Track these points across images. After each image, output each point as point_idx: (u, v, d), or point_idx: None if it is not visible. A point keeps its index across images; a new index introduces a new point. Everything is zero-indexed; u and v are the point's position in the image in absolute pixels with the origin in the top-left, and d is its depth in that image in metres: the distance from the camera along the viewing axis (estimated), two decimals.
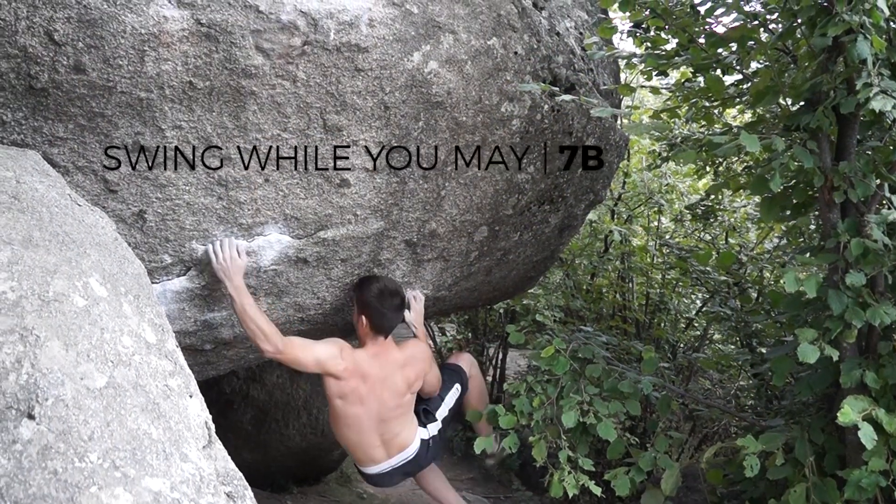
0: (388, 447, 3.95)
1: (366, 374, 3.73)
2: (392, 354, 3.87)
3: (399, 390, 3.88)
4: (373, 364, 3.76)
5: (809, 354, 2.97)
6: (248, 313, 3.24)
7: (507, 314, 7.46)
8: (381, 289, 3.68)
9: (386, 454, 3.96)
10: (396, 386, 3.86)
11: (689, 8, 3.52)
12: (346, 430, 3.86)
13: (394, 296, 3.72)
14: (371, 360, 3.76)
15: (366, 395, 3.76)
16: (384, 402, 3.82)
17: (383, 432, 3.89)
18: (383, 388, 3.80)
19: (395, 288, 3.74)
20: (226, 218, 3.03)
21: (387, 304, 3.68)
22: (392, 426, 3.91)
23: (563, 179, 4.26)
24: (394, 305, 3.73)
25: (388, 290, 3.70)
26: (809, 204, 3.55)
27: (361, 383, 3.72)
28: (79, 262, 2.01)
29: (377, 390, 3.78)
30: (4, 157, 2.31)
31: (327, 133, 3.02)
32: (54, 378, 1.62)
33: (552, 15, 3.91)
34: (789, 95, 3.34)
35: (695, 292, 6.98)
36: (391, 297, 3.70)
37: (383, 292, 3.68)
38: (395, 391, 3.85)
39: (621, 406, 4.00)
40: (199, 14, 2.49)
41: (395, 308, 3.74)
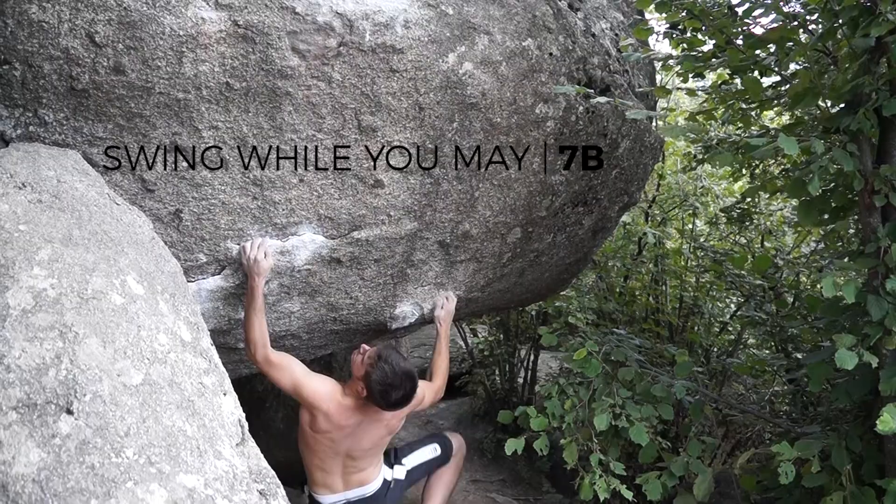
0: (348, 480, 3.80)
1: (344, 426, 3.60)
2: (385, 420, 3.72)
3: (376, 439, 3.76)
4: (355, 416, 3.61)
5: (847, 360, 2.92)
6: (250, 317, 3.24)
7: (540, 316, 7.42)
8: (389, 382, 3.48)
9: (343, 486, 3.80)
10: (374, 436, 3.73)
11: (726, 9, 3.48)
12: (309, 453, 3.73)
13: (397, 389, 3.49)
14: (352, 411, 3.59)
15: (339, 440, 3.63)
16: (357, 444, 3.70)
17: (347, 465, 3.75)
18: (359, 436, 3.67)
19: (400, 380, 3.50)
20: (260, 217, 3.06)
21: (389, 398, 3.51)
22: (359, 462, 3.79)
23: (598, 181, 4.24)
24: (395, 399, 3.52)
25: (393, 385, 3.48)
26: (849, 208, 3.49)
27: (337, 431, 3.59)
28: (117, 260, 2.05)
29: (351, 438, 3.65)
30: (46, 157, 2.35)
31: (362, 134, 3.03)
32: (92, 374, 1.65)
33: (588, 16, 3.89)
34: (829, 97, 3.29)
35: (729, 296, 6.88)
36: (395, 390, 3.49)
37: (388, 389, 3.48)
38: (372, 438, 3.73)
39: (654, 410, 3.97)
40: (236, 16, 2.51)
41: (395, 402, 3.54)
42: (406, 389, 3.53)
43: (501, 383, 7.86)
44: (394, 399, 3.50)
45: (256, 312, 3.22)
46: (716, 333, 6.86)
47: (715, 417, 5.18)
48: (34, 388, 1.57)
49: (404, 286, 3.84)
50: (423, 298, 3.98)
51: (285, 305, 3.49)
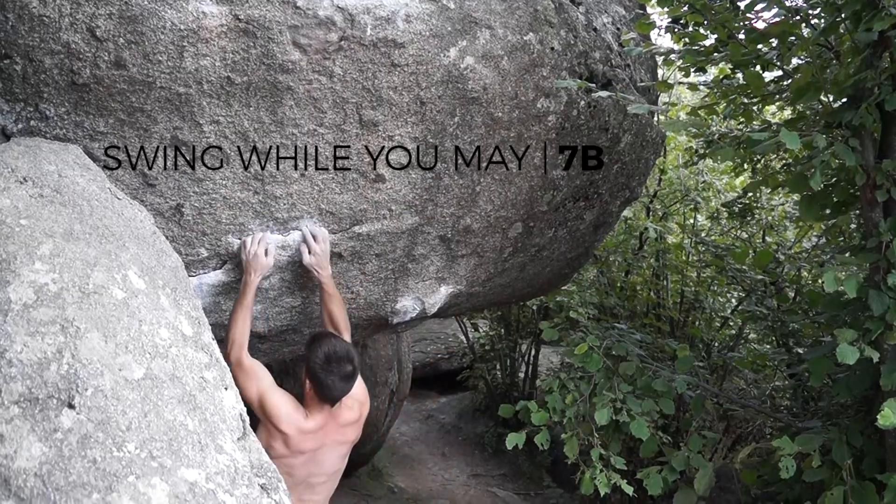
0: None
1: (303, 452, 3.28)
2: (337, 421, 3.33)
3: (337, 461, 3.47)
4: (314, 439, 3.27)
5: (849, 355, 2.92)
6: (236, 313, 3.17)
7: (541, 311, 7.45)
8: (327, 353, 3.16)
9: None
10: (335, 458, 3.44)
11: (728, 3, 3.47)
12: None
13: (342, 362, 3.15)
14: (312, 435, 3.25)
15: (296, 467, 3.30)
16: (318, 469, 3.39)
17: (301, 493, 3.39)
18: (320, 460, 3.36)
19: (344, 352, 3.19)
20: (262, 212, 3.06)
21: (333, 372, 3.14)
22: (317, 493, 3.47)
23: (599, 176, 4.23)
24: (342, 374, 3.15)
25: (335, 354, 3.16)
26: (850, 202, 3.49)
27: (294, 457, 3.26)
28: (118, 254, 2.05)
29: (312, 463, 3.35)
30: (47, 152, 2.35)
31: (363, 128, 3.03)
32: (94, 369, 1.65)
33: (589, 10, 3.88)
34: (831, 92, 3.29)
35: (730, 291, 6.90)
36: (339, 363, 3.15)
37: (330, 358, 3.15)
38: (333, 462, 3.44)
39: (655, 404, 3.97)
40: (237, 10, 2.51)
41: (342, 377, 3.16)
42: (351, 362, 3.19)
43: (502, 378, 7.89)
44: (339, 371, 3.15)
45: (244, 309, 3.16)
46: (717, 328, 6.88)
47: (716, 412, 5.20)
48: (36, 383, 1.57)
49: (405, 281, 3.84)
50: (424, 293, 3.98)
51: (287, 300, 3.49)
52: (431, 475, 7.45)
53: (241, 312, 3.16)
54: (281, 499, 1.78)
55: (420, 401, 9.44)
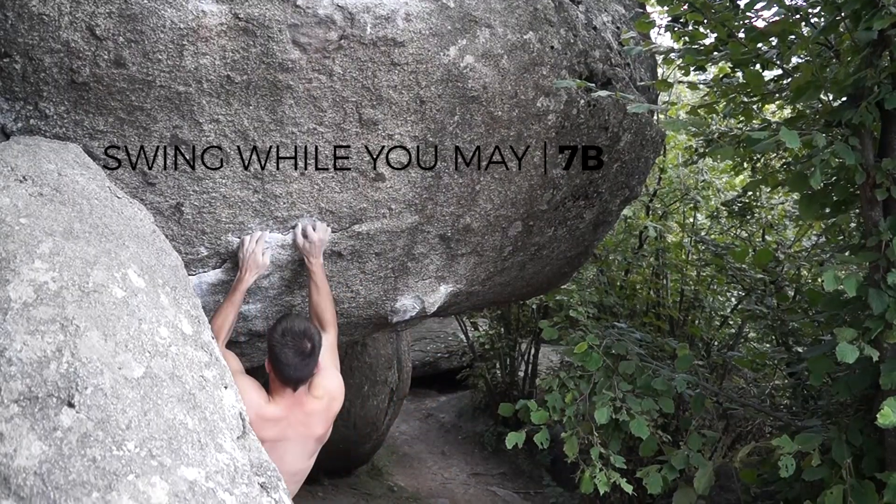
0: None
1: (262, 440, 2.90)
2: (302, 409, 3.13)
3: (304, 457, 3.25)
4: (276, 427, 3.08)
5: (848, 354, 2.92)
6: (223, 307, 3.13)
7: (541, 310, 7.45)
8: (284, 329, 3.00)
9: None
10: (302, 453, 3.22)
11: (728, 2, 3.47)
12: None
13: (298, 338, 2.97)
14: (274, 423, 3.07)
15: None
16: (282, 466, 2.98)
17: None
18: (283, 456, 3.10)
19: (302, 329, 3.01)
20: (261, 211, 3.06)
21: (288, 346, 2.96)
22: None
23: (599, 175, 4.23)
24: (298, 349, 2.96)
25: (291, 330, 2.99)
26: (850, 201, 3.49)
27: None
28: (118, 253, 2.05)
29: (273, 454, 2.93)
30: (47, 150, 2.35)
31: (363, 127, 3.03)
32: (93, 367, 1.65)
33: (589, 9, 3.88)
34: (831, 91, 3.29)
35: (730, 290, 6.90)
36: (294, 338, 2.97)
37: (286, 332, 2.98)
38: (299, 458, 3.22)
39: (654, 403, 3.97)
40: (237, 8, 2.51)
41: (298, 352, 2.96)
42: (309, 340, 3.00)
43: (502, 377, 7.90)
44: (296, 348, 2.97)
45: (233, 305, 3.12)
46: (716, 327, 6.88)
47: (715, 411, 5.20)
48: (35, 381, 1.57)
49: (405, 279, 3.84)
50: (424, 292, 3.98)
51: (286, 299, 3.50)
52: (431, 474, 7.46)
53: (226, 307, 3.11)
54: (281, 497, 1.78)
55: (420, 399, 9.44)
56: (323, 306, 3.32)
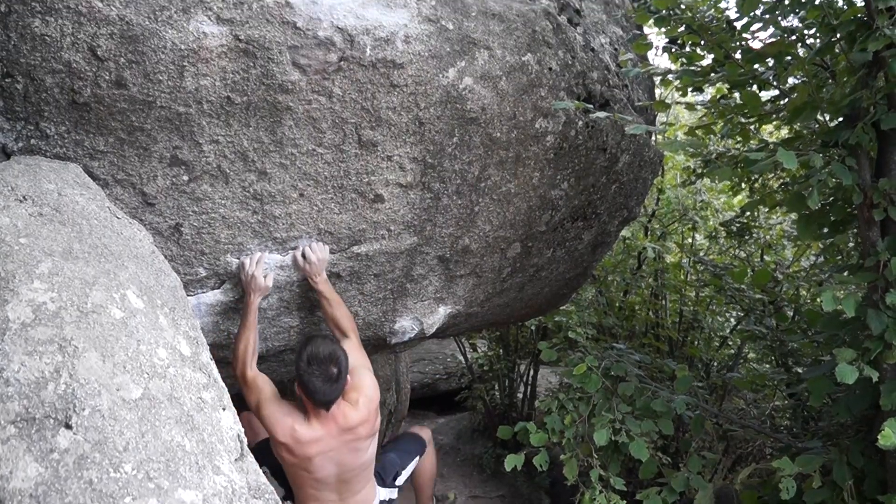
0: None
1: (310, 456, 3.26)
2: (338, 421, 3.26)
3: (360, 454, 3.41)
4: (317, 445, 3.24)
5: (848, 375, 2.91)
6: (241, 333, 3.21)
7: (539, 331, 7.42)
8: (310, 355, 3.11)
9: None
10: (356, 453, 3.37)
11: (725, 23, 3.49)
12: (298, 488, 3.43)
13: (324, 363, 3.09)
14: (314, 443, 3.23)
15: (318, 468, 3.30)
16: (344, 467, 3.37)
17: (342, 492, 3.44)
18: (340, 459, 3.33)
19: (327, 353, 3.11)
20: (260, 232, 3.06)
21: (315, 374, 3.09)
22: (353, 485, 3.48)
23: (597, 196, 4.24)
24: (325, 376, 3.09)
25: (317, 356, 3.10)
26: (848, 221, 3.50)
27: (308, 462, 3.26)
28: (117, 274, 2.04)
29: (332, 463, 3.33)
30: (47, 170, 2.35)
31: (362, 148, 3.03)
32: (91, 388, 1.64)
33: (587, 31, 3.90)
34: (827, 111, 3.30)
35: (729, 310, 6.89)
36: (320, 365, 3.09)
37: (311, 360, 3.09)
38: (356, 456, 3.39)
39: (654, 425, 3.95)
40: (237, 30, 2.52)
41: (325, 379, 3.09)
42: (335, 363, 3.12)
43: (501, 398, 7.85)
44: (322, 373, 3.09)
45: (248, 329, 3.20)
46: (716, 348, 6.86)
47: (715, 432, 5.17)
48: (33, 403, 1.56)
49: (404, 301, 3.84)
50: (423, 313, 3.97)
51: (285, 320, 3.49)
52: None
53: (243, 332, 3.20)
54: None
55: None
56: (338, 315, 3.42)
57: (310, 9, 2.63)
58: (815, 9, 3.18)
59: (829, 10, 3.11)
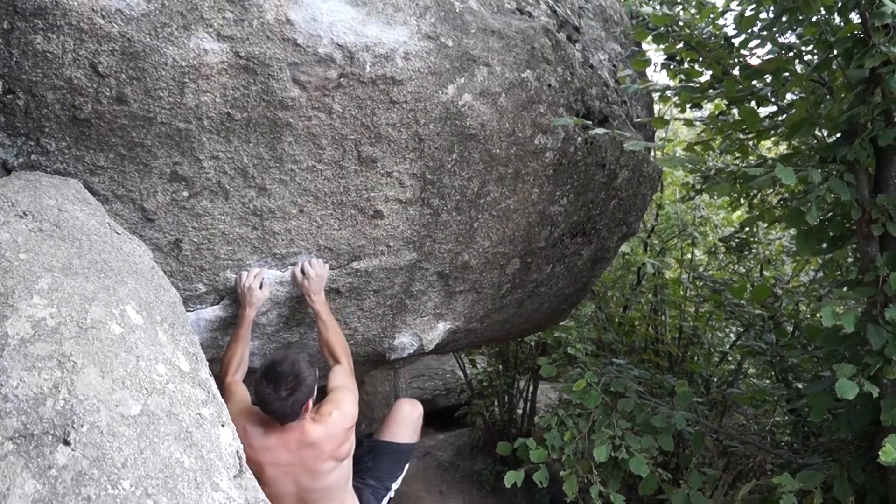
0: None
1: (261, 464, 2.99)
2: (298, 436, 3.02)
3: (317, 474, 3.12)
4: (269, 453, 3.01)
5: (848, 390, 2.91)
6: (232, 344, 3.20)
7: (539, 347, 7.41)
8: (264, 368, 2.94)
9: None
10: (310, 472, 3.10)
11: (723, 40, 3.51)
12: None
13: (277, 382, 2.86)
14: (270, 452, 3.01)
15: (276, 481, 3.06)
16: (304, 484, 3.12)
17: None
18: (293, 473, 3.08)
19: (283, 371, 2.88)
20: (260, 248, 3.06)
21: (265, 387, 2.87)
22: None
23: (596, 211, 4.25)
24: (278, 395, 2.86)
25: (271, 370, 2.90)
26: (847, 237, 3.50)
27: (260, 470, 2.97)
28: (116, 289, 2.04)
29: (283, 479, 3.08)
30: (47, 186, 2.36)
31: (362, 164, 3.04)
32: (90, 404, 1.64)
33: (586, 48, 3.92)
34: (825, 127, 3.31)
35: (729, 326, 6.88)
36: (274, 382, 2.86)
37: (264, 376, 2.89)
38: (312, 475, 3.11)
39: (654, 441, 3.94)
40: (238, 47, 2.53)
41: (279, 398, 2.86)
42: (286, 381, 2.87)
43: (500, 414, 7.83)
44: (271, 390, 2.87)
45: (239, 341, 3.18)
46: (715, 363, 6.85)
47: (716, 448, 5.15)
48: (31, 419, 1.56)
49: (403, 317, 3.83)
50: (422, 329, 3.96)
51: (284, 336, 3.48)
52: None
53: (233, 343, 3.19)
54: None
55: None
56: (333, 341, 3.34)
57: (310, 26, 2.64)
58: (813, 26, 3.20)
59: (826, 27, 3.12)
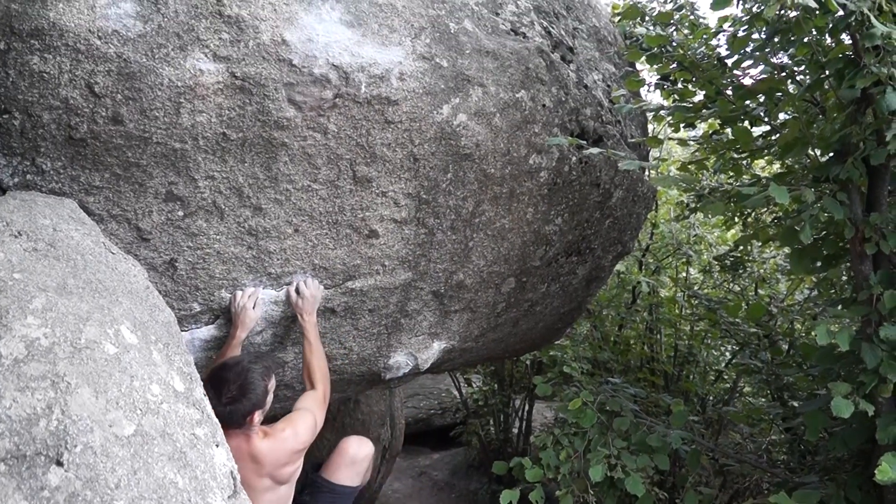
0: None
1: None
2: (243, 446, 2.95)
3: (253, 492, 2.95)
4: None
5: (843, 409, 2.91)
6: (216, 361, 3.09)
7: (534, 366, 7.40)
8: (213, 370, 2.91)
9: None
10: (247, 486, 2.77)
11: (716, 60, 3.54)
12: None
13: (218, 385, 2.82)
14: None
15: None
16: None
17: None
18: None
19: (231, 374, 2.86)
20: (255, 267, 3.06)
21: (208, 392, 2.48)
22: None
23: (591, 231, 4.26)
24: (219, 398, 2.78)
25: (216, 376, 2.86)
26: (840, 255, 3.51)
27: None
28: (111, 309, 2.04)
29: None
30: (42, 206, 2.36)
31: (357, 184, 3.05)
32: (83, 425, 1.63)
33: (580, 68, 3.95)
34: (818, 146, 3.33)
35: (724, 344, 6.88)
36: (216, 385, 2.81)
37: (210, 377, 2.84)
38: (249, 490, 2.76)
39: (650, 460, 3.93)
40: (234, 67, 2.55)
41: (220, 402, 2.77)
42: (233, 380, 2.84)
43: (496, 433, 7.81)
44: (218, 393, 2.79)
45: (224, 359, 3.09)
46: (711, 382, 6.85)
47: (712, 467, 5.14)
48: (24, 439, 1.55)
49: (398, 336, 3.83)
50: (417, 348, 3.96)
51: (279, 356, 3.47)
52: None
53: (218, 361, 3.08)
54: None
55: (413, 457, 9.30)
56: (314, 366, 3.29)
57: (306, 46, 2.66)
58: (805, 46, 3.22)
59: (817, 47, 3.15)
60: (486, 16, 3.34)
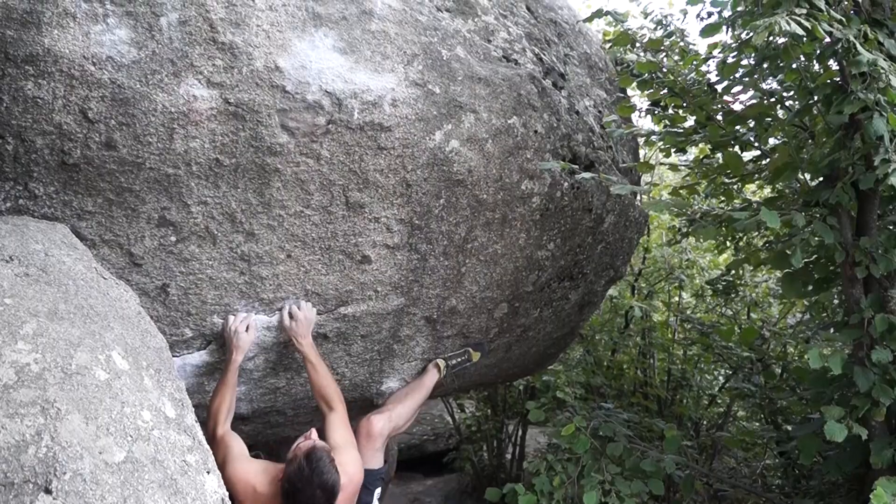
0: None
1: None
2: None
3: None
4: None
5: (837, 433, 2.91)
6: (219, 390, 3.11)
7: (527, 391, 7.37)
8: (294, 486, 2.82)
9: None
10: None
11: (706, 86, 3.58)
12: None
13: (316, 489, 2.79)
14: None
15: None
16: None
17: None
18: None
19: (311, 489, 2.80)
20: (247, 293, 3.05)
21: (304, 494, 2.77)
22: None
23: (583, 256, 4.27)
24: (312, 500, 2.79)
25: (301, 491, 2.80)
26: (831, 279, 3.53)
27: None
28: (102, 335, 2.03)
29: None
30: (34, 230, 2.36)
31: (349, 210, 3.05)
32: (73, 452, 1.62)
33: (571, 94, 3.98)
34: (808, 171, 3.36)
35: (717, 368, 6.88)
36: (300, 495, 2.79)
37: (293, 492, 2.81)
38: None
39: (644, 485, 3.91)
40: (227, 93, 2.56)
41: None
42: (327, 489, 2.82)
43: (489, 459, 7.75)
44: (311, 498, 2.79)
45: (227, 387, 3.11)
46: (705, 406, 6.83)
47: (706, 492, 5.12)
48: (12, 467, 1.54)
49: (391, 362, 3.82)
50: (410, 374, 3.95)
51: (271, 381, 3.45)
52: None
53: (221, 389, 3.11)
54: None
55: (406, 483, 9.23)
56: (325, 385, 3.28)
57: (299, 73, 2.68)
58: (793, 72, 3.26)
59: (805, 73, 3.19)
60: (478, 42, 3.37)
